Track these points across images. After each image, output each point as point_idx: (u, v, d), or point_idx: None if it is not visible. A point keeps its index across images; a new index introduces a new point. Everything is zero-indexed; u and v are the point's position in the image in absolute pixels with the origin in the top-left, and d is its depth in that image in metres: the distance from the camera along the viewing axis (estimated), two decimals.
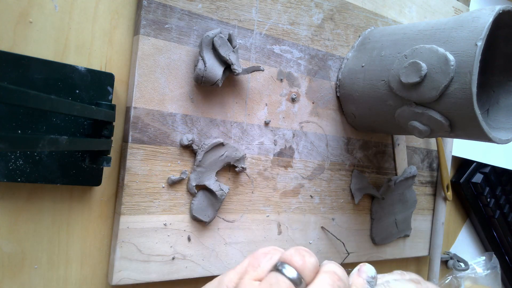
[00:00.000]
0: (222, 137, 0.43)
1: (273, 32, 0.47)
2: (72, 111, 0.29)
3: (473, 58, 0.38)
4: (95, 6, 0.37)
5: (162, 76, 0.39)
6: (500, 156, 0.78)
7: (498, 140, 0.42)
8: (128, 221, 0.38)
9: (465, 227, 0.80)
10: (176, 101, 0.40)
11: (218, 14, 0.42)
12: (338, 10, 0.53)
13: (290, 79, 0.48)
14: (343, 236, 0.55)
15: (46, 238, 0.36)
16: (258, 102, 0.46)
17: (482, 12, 0.39)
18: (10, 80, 0.32)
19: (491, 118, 0.47)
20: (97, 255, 0.38)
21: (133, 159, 0.38)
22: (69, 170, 0.35)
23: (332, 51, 0.52)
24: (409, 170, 0.61)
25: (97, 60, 0.38)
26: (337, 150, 0.53)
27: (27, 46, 0.34)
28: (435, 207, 0.70)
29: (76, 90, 0.35)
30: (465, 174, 0.74)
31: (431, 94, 0.41)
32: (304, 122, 0.50)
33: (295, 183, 0.49)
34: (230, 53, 0.41)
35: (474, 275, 0.74)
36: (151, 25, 0.38)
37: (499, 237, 0.80)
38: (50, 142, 0.26)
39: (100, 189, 0.38)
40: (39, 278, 0.35)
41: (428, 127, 0.44)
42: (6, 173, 0.32)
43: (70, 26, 0.36)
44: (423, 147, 0.66)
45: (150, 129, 0.39)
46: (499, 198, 0.78)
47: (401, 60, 0.44)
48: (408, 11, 0.62)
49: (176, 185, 0.40)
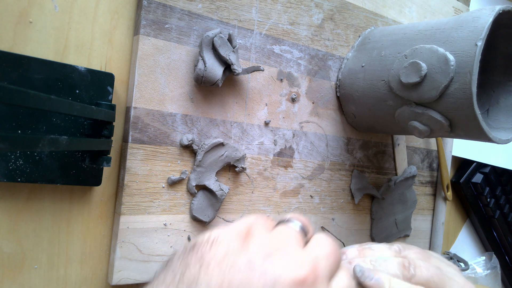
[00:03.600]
0: (222, 137, 0.43)
1: (273, 32, 0.47)
2: (72, 111, 0.29)
3: (473, 58, 0.38)
4: (95, 6, 0.37)
5: (162, 76, 0.39)
6: (500, 156, 0.78)
7: (498, 140, 0.42)
8: (128, 221, 0.38)
9: (465, 227, 0.80)
10: (176, 101, 0.40)
11: (218, 14, 0.42)
12: (338, 10, 0.53)
13: (290, 79, 0.48)
14: (343, 236, 0.55)
15: (46, 238, 0.36)
16: (258, 102, 0.46)
17: (482, 12, 0.39)
18: (10, 80, 0.32)
19: (491, 118, 0.47)
20: (97, 255, 0.38)
21: (133, 159, 0.38)
22: (69, 170, 0.35)
23: (332, 51, 0.52)
24: (409, 170, 0.61)
25: (97, 60, 0.38)
26: (337, 150, 0.53)
27: (27, 46, 0.34)
28: (435, 207, 0.70)
29: (76, 90, 0.35)
30: (465, 174, 0.74)
31: (431, 94, 0.41)
32: (304, 122, 0.50)
33: (295, 183, 0.49)
34: (230, 53, 0.41)
35: (474, 275, 0.74)
36: (151, 25, 0.38)
37: (499, 237, 0.80)
38: (50, 142, 0.26)
39: (100, 189, 0.38)
40: (39, 278, 0.35)
41: (428, 127, 0.44)
42: (6, 173, 0.32)
43: (70, 26, 0.36)
44: (423, 147, 0.66)
45: (150, 129, 0.39)
46: (499, 198, 0.78)
47: (401, 60, 0.44)
48: (408, 11, 0.62)
49: (176, 185, 0.40)
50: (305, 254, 0.25)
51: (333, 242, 0.28)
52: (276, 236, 0.26)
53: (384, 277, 0.32)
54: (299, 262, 0.24)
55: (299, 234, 0.27)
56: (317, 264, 0.25)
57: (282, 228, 0.28)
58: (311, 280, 0.24)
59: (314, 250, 0.26)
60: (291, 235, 0.27)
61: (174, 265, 0.25)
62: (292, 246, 0.26)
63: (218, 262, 0.24)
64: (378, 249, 0.35)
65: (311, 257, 0.25)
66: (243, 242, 0.26)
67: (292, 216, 0.29)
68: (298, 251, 0.25)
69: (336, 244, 0.28)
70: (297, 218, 0.29)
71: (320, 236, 0.28)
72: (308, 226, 0.29)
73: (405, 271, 0.33)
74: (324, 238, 0.28)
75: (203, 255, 0.25)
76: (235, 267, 0.23)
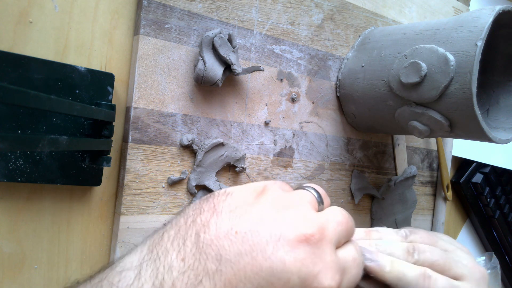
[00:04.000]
0: (222, 137, 0.43)
1: (273, 32, 0.47)
2: (72, 111, 0.29)
3: (473, 58, 0.38)
4: (95, 6, 0.37)
5: (162, 76, 0.39)
6: (500, 156, 0.78)
7: (498, 140, 0.42)
8: (128, 221, 0.38)
9: (465, 227, 0.80)
10: (176, 101, 0.40)
11: (218, 14, 0.42)
12: (338, 10, 0.53)
13: (290, 79, 0.48)
14: None
15: (46, 238, 0.36)
16: (258, 102, 0.46)
17: (482, 12, 0.39)
18: (10, 80, 0.32)
19: (491, 118, 0.47)
20: (97, 255, 0.38)
21: (133, 159, 0.38)
22: (69, 170, 0.35)
23: (332, 51, 0.52)
24: (409, 170, 0.61)
25: (97, 60, 0.37)
26: (337, 150, 0.53)
27: (27, 46, 0.34)
28: (435, 207, 0.70)
29: (76, 90, 0.35)
30: (465, 174, 0.74)
31: (431, 94, 0.41)
32: (304, 122, 0.50)
33: (295, 183, 0.49)
34: (230, 53, 0.41)
35: None
36: (151, 25, 0.38)
37: (499, 237, 0.80)
38: (50, 142, 0.26)
39: (100, 189, 0.38)
40: (39, 278, 0.35)
41: (428, 127, 0.44)
42: (6, 173, 0.32)
43: (70, 26, 0.36)
44: (423, 147, 0.66)
45: (150, 129, 0.39)
46: (499, 198, 0.78)
47: (401, 60, 0.44)
48: (408, 11, 0.62)
49: (176, 185, 0.40)
50: (316, 215, 0.26)
51: (348, 214, 0.28)
52: (291, 196, 0.27)
53: (386, 259, 0.32)
54: (308, 220, 0.25)
55: (314, 199, 0.27)
56: (325, 226, 0.25)
57: (299, 191, 0.28)
58: (316, 239, 0.24)
59: (326, 214, 0.26)
60: (305, 197, 0.27)
61: (187, 212, 0.26)
62: (304, 206, 0.26)
63: (230, 210, 0.25)
64: (384, 232, 0.35)
65: (322, 219, 0.26)
66: (257, 196, 0.26)
67: (311, 185, 0.29)
68: (309, 212, 0.26)
69: (350, 217, 0.28)
70: (315, 187, 0.29)
71: (336, 207, 0.28)
72: (325, 197, 0.29)
73: (409, 256, 0.33)
74: (339, 209, 0.28)
75: (217, 203, 0.25)
76: (245, 217, 0.24)
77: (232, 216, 0.24)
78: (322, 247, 0.24)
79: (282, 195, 0.26)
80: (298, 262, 0.23)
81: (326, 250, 0.24)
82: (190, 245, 0.23)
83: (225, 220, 0.24)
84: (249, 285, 0.22)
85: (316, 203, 0.27)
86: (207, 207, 0.25)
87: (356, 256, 0.27)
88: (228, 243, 0.23)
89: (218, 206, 0.25)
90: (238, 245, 0.23)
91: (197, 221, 0.24)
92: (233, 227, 0.24)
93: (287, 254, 0.23)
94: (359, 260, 0.27)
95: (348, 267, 0.26)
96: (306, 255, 0.23)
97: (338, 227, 0.26)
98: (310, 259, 0.23)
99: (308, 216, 0.25)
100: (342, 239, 0.27)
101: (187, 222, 0.25)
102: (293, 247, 0.23)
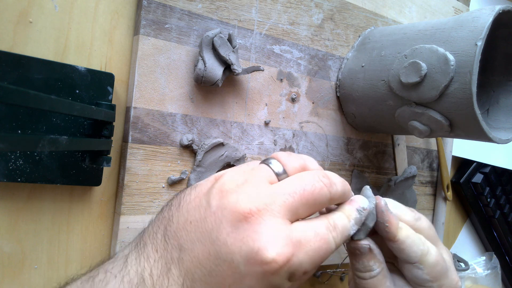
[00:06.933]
0: (222, 137, 0.43)
1: (273, 32, 0.47)
2: (72, 111, 0.29)
3: (473, 58, 0.38)
4: (95, 6, 0.37)
5: (162, 76, 0.39)
6: (500, 156, 0.78)
7: (498, 140, 0.42)
8: (128, 221, 0.38)
9: (465, 227, 0.80)
10: (176, 101, 0.40)
11: (218, 14, 0.42)
12: (338, 10, 0.53)
13: (290, 79, 0.48)
14: None
15: (46, 238, 0.36)
16: (258, 102, 0.46)
17: (482, 12, 0.39)
18: (10, 80, 0.32)
19: (491, 118, 0.47)
20: (97, 255, 0.38)
21: (133, 159, 0.38)
22: (69, 170, 0.35)
23: (332, 51, 0.52)
24: (409, 170, 0.61)
25: (97, 60, 0.38)
26: (337, 150, 0.53)
27: (27, 46, 0.34)
28: (435, 207, 0.70)
29: (76, 90, 0.35)
30: (465, 174, 0.74)
31: (431, 94, 0.41)
32: (304, 122, 0.50)
33: None
34: (230, 53, 0.41)
35: (475, 275, 0.74)
36: (151, 25, 0.38)
37: (499, 237, 0.80)
38: (50, 142, 0.26)
39: (100, 189, 0.38)
40: (39, 278, 0.35)
41: (428, 127, 0.44)
42: (6, 173, 0.32)
43: (70, 26, 0.36)
44: (423, 147, 0.66)
45: (150, 129, 0.39)
46: (499, 198, 0.78)
47: (401, 60, 0.44)
48: (408, 11, 0.62)
49: (176, 185, 0.40)
50: (263, 189, 0.25)
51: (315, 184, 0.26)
52: (244, 176, 0.27)
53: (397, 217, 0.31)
54: (248, 196, 0.25)
55: (270, 173, 0.27)
56: (270, 200, 0.25)
57: (256, 167, 0.28)
58: (255, 216, 0.24)
59: (279, 186, 0.26)
60: (259, 172, 0.27)
61: (163, 208, 0.29)
62: (254, 183, 0.26)
63: (188, 202, 0.27)
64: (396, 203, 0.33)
65: (267, 192, 0.25)
66: (212, 183, 0.27)
67: (273, 155, 0.29)
68: (255, 188, 0.25)
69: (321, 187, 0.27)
70: (276, 157, 0.29)
71: (304, 174, 0.27)
72: (287, 165, 0.28)
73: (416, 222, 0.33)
74: (305, 177, 0.27)
75: (182, 198, 0.28)
76: (197, 206, 0.26)
77: (189, 208, 0.26)
78: (264, 222, 0.24)
79: (235, 177, 0.27)
80: (238, 241, 0.23)
81: (269, 224, 0.24)
82: (160, 237, 0.26)
83: (184, 212, 0.26)
84: (204, 270, 0.24)
85: (273, 176, 0.27)
86: (175, 202, 0.28)
87: (319, 231, 0.25)
88: (185, 233, 0.25)
89: (182, 200, 0.27)
90: (192, 234, 0.25)
91: (165, 216, 0.27)
92: (188, 218, 0.26)
93: (228, 235, 0.24)
94: (323, 234, 0.25)
95: (307, 240, 0.24)
96: (246, 233, 0.23)
97: (290, 198, 0.25)
98: (250, 236, 0.23)
99: (250, 193, 0.25)
100: (303, 210, 0.25)
101: (160, 218, 0.28)
102: (234, 227, 0.24)
